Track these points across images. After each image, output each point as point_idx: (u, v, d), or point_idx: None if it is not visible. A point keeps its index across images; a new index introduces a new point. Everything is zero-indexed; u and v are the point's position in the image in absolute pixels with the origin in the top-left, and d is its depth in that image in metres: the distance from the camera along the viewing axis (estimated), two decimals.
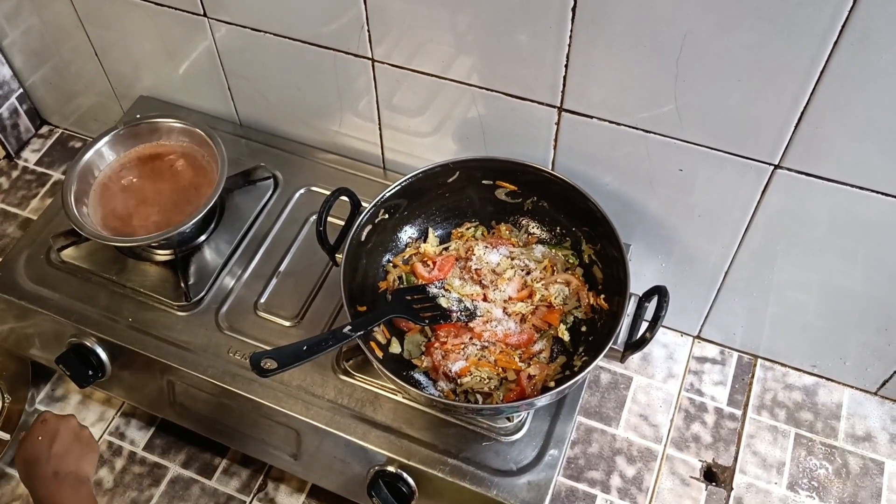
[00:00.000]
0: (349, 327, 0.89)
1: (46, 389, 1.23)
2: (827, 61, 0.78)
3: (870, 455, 1.11)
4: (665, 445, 1.12)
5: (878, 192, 0.88)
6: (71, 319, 1.06)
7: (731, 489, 1.09)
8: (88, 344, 1.06)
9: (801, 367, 1.19)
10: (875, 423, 1.14)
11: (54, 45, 1.35)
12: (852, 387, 1.17)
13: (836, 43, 0.76)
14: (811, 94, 0.81)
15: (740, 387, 1.18)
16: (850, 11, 0.73)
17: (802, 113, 0.84)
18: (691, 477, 1.10)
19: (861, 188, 0.88)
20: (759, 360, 1.20)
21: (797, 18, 0.75)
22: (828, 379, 1.18)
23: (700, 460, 1.11)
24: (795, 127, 0.85)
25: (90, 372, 1.06)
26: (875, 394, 1.16)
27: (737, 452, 1.12)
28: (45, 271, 1.12)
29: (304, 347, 0.85)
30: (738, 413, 1.15)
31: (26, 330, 1.13)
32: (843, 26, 0.74)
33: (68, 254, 1.12)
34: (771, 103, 0.84)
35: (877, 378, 1.14)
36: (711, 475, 1.10)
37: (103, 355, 1.07)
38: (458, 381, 0.94)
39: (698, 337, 1.23)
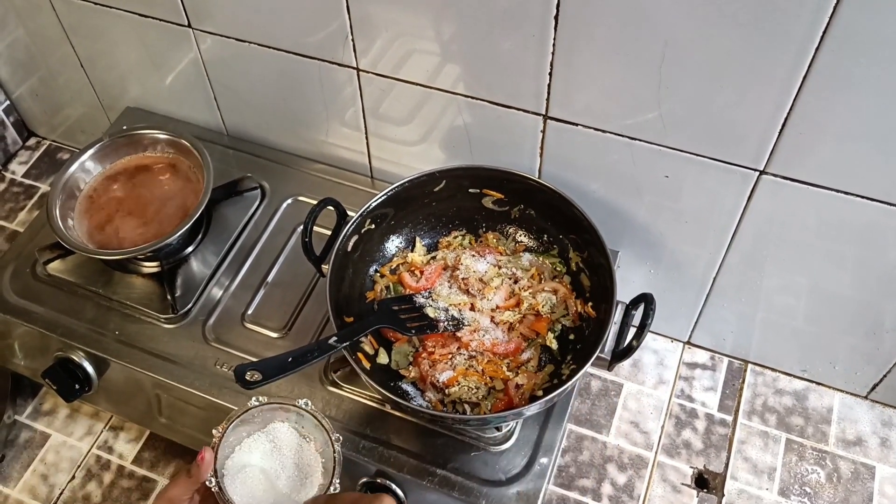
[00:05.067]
0: (335, 338, 0.88)
1: (34, 403, 1.22)
2: (809, 67, 0.78)
3: (861, 459, 1.11)
4: (656, 452, 1.12)
5: (863, 197, 0.88)
6: (57, 333, 1.06)
7: (723, 496, 1.08)
8: (75, 358, 1.05)
9: (791, 371, 1.19)
10: (866, 427, 1.13)
11: (41, 56, 1.34)
12: (842, 391, 1.17)
13: (817, 49, 0.76)
14: (794, 99, 0.81)
15: (731, 392, 1.17)
16: (829, 19, 0.73)
17: (786, 118, 0.84)
18: (682, 484, 1.10)
19: (847, 193, 0.88)
20: (750, 366, 1.20)
21: (776, 26, 0.75)
22: (818, 383, 1.18)
23: (691, 467, 1.11)
24: (779, 132, 0.85)
25: (77, 386, 1.05)
26: (865, 398, 1.16)
27: (728, 458, 1.11)
28: (30, 285, 1.11)
29: (290, 359, 0.85)
30: (729, 419, 1.15)
31: (11, 344, 1.12)
32: (823, 33, 0.74)
33: (54, 267, 1.11)
34: (754, 109, 0.84)
35: (867, 382, 1.13)
36: (703, 482, 1.10)
37: (90, 369, 1.06)
38: (446, 391, 0.94)
39: (688, 342, 1.22)
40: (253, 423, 0.83)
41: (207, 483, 0.76)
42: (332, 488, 0.78)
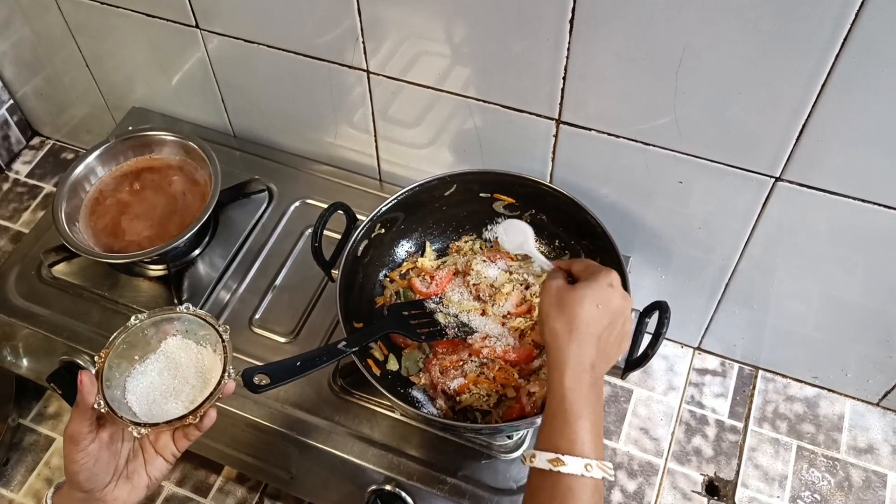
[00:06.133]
0: (344, 343, 0.87)
1: (38, 407, 1.21)
2: (829, 74, 0.77)
3: (872, 467, 1.10)
4: (666, 459, 1.11)
5: (879, 205, 0.87)
6: (62, 337, 1.05)
7: (734, 503, 1.07)
8: (80, 362, 1.04)
9: (802, 378, 1.18)
10: (877, 435, 1.13)
11: (46, 56, 1.33)
12: (854, 398, 1.16)
13: (837, 56, 0.75)
14: (813, 106, 0.80)
15: (741, 399, 1.16)
16: (851, 25, 0.72)
17: (804, 125, 0.83)
18: (693, 491, 1.09)
19: (862, 200, 0.87)
20: (760, 372, 1.19)
21: (797, 32, 0.74)
22: (829, 390, 1.17)
23: (702, 474, 1.10)
24: (797, 139, 0.84)
25: None
26: (877, 405, 1.15)
27: (738, 466, 1.10)
28: (36, 287, 1.10)
29: (298, 363, 0.84)
30: (740, 425, 1.14)
31: (16, 346, 1.11)
32: (844, 40, 0.73)
33: (59, 269, 1.10)
34: (772, 116, 0.83)
35: (878, 389, 1.13)
36: (713, 489, 1.09)
37: None
38: (457, 398, 0.93)
39: (699, 349, 1.22)
40: (144, 345, 0.80)
41: (96, 406, 0.73)
42: (225, 378, 0.77)
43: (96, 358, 0.77)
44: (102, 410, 0.73)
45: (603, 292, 0.77)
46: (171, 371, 0.80)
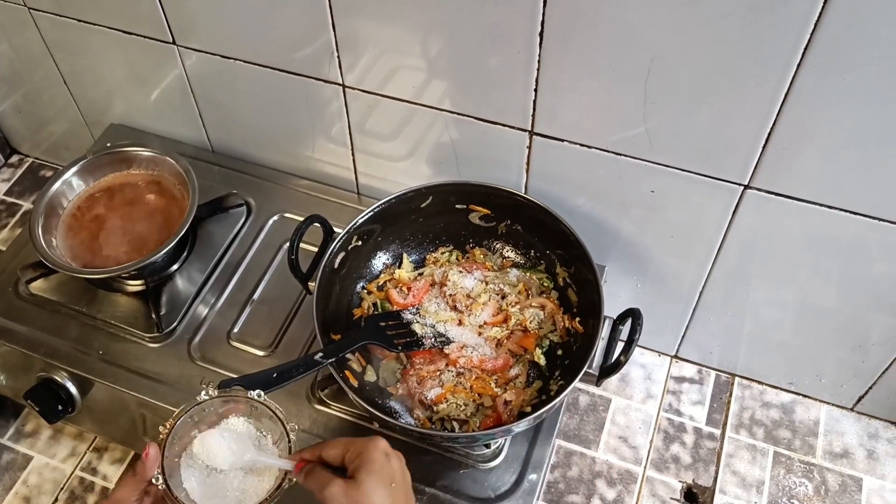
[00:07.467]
0: (320, 354, 0.88)
1: (16, 424, 1.20)
2: (791, 82, 0.78)
3: (848, 472, 1.11)
4: (645, 467, 1.12)
5: (847, 211, 0.88)
6: (40, 353, 1.04)
7: None
8: (58, 378, 1.04)
9: (778, 384, 1.19)
10: (852, 440, 1.14)
11: (25, 72, 1.33)
12: (829, 403, 1.17)
13: (799, 65, 0.76)
14: (778, 114, 0.82)
15: (718, 406, 1.18)
16: (811, 34, 0.73)
17: (770, 133, 0.84)
18: (672, 498, 1.09)
19: (830, 207, 0.89)
20: (737, 379, 1.20)
21: (762, 42, 0.76)
22: (805, 396, 1.18)
23: (680, 481, 1.11)
24: (763, 147, 0.86)
25: (60, 407, 1.04)
26: (851, 410, 1.17)
27: (716, 472, 1.11)
28: (13, 304, 1.10)
29: (275, 374, 0.84)
30: (717, 432, 1.15)
31: None
32: (805, 48, 0.75)
33: (37, 286, 1.10)
34: (738, 125, 0.85)
35: (853, 394, 1.14)
36: (692, 496, 1.10)
37: (73, 389, 1.04)
38: (434, 408, 0.93)
39: (676, 356, 1.23)
40: (206, 419, 0.78)
41: (154, 481, 0.71)
42: (286, 482, 0.74)
43: (161, 428, 0.75)
44: (160, 487, 0.72)
45: (386, 468, 0.70)
46: (228, 453, 0.76)
